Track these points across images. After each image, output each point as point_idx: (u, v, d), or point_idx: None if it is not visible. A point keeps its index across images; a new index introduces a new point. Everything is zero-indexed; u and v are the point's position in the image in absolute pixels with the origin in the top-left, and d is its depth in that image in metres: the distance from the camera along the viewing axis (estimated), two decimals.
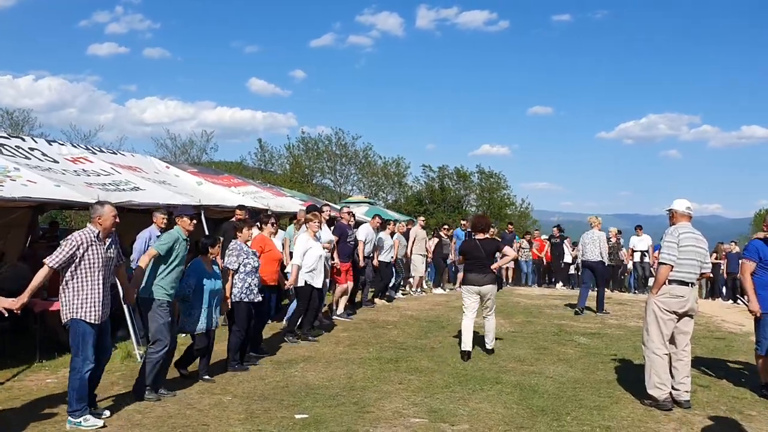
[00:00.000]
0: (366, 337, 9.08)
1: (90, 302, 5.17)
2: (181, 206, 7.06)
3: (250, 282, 7.21)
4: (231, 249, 7.23)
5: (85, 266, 5.16)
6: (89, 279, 5.18)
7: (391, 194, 38.87)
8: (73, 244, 5.11)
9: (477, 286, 7.86)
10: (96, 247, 5.21)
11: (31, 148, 9.78)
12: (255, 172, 35.42)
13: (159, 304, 5.98)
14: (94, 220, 5.28)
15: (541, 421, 5.34)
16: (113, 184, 9.49)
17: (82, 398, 5.15)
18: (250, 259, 7.25)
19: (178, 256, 6.16)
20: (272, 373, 6.99)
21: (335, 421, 5.31)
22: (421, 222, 15.04)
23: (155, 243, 6.29)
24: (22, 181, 7.79)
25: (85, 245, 5.14)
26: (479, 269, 7.89)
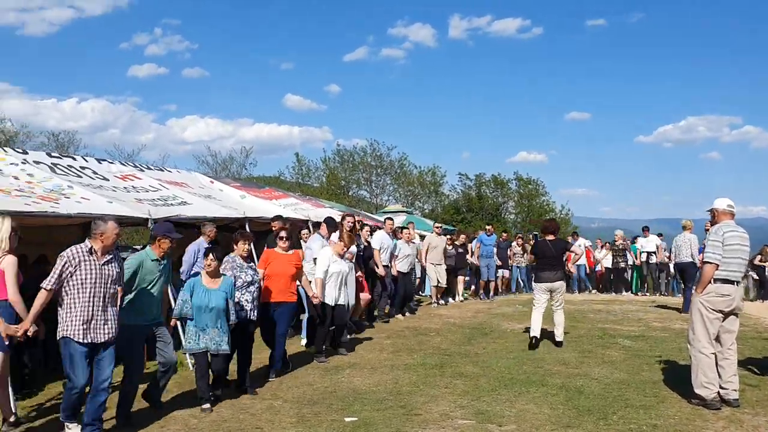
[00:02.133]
0: (409, 344, 9.18)
1: (79, 320, 4.94)
2: (159, 224, 6.49)
3: (240, 297, 6.66)
4: (224, 262, 6.70)
5: (75, 283, 4.96)
6: (79, 296, 4.96)
7: (427, 203, 38.94)
8: (62, 261, 4.94)
9: (548, 283, 8.79)
10: (88, 263, 5.00)
11: (82, 167, 10.17)
12: (293, 185, 35.85)
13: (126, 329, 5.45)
14: (96, 236, 5.08)
15: (587, 421, 5.38)
16: (161, 199, 9.81)
17: (69, 417, 5.11)
18: (242, 273, 6.78)
19: (150, 280, 5.69)
20: (320, 379, 7.14)
21: (384, 423, 5.43)
22: (437, 229, 14.33)
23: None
24: (76, 198, 8.14)
25: (75, 261, 4.95)
26: (550, 267, 8.82)
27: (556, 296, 8.87)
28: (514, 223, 37.60)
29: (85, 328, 4.96)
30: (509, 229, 31.38)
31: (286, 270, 7.44)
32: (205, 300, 6.04)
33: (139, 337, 5.69)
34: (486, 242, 15.26)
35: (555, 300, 8.89)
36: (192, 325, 6.09)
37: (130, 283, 5.59)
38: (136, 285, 5.63)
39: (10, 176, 8.27)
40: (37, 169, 8.92)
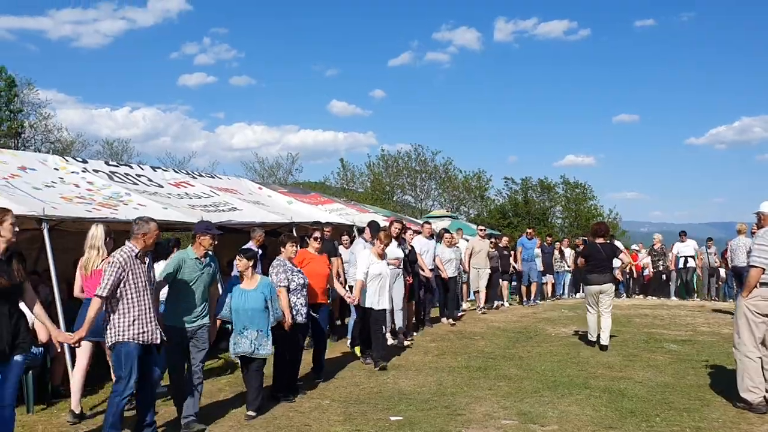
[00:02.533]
0: (454, 348, 9.30)
1: (138, 323, 5.03)
2: (200, 222, 6.41)
3: (295, 300, 6.70)
4: (275, 266, 6.76)
5: (130, 287, 5.03)
6: (135, 299, 5.04)
7: (473, 208, 38.87)
8: (117, 267, 4.96)
9: (598, 285, 8.96)
10: (138, 266, 5.08)
11: (138, 175, 10.63)
12: (338, 190, 36.23)
13: (168, 329, 5.48)
14: (138, 236, 5.10)
15: (629, 422, 5.44)
16: (213, 205, 10.17)
17: (115, 424, 4.99)
18: (295, 276, 6.77)
19: (190, 277, 5.64)
20: (366, 380, 7.33)
21: (428, 422, 5.58)
22: (481, 232, 14.13)
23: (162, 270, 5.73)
24: (134, 204, 8.53)
25: (128, 265, 5.01)
26: (600, 270, 9.00)
27: (604, 298, 8.96)
28: (561, 227, 37.25)
29: (147, 329, 5.06)
30: (555, 234, 31.15)
31: (322, 270, 7.49)
32: (241, 301, 6.01)
33: (181, 336, 5.58)
34: (527, 246, 15.20)
35: (603, 303, 8.95)
36: (234, 328, 6.08)
37: (172, 282, 5.60)
38: (177, 284, 5.61)
39: (71, 184, 8.72)
40: (96, 177, 9.38)
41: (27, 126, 33.13)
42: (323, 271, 7.48)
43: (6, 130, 32.06)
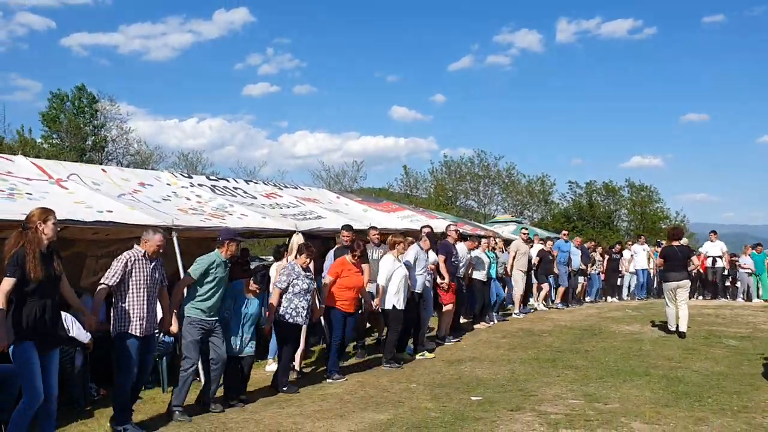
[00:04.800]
0: (523, 343, 10.11)
1: (136, 316, 5.57)
2: (224, 230, 7.18)
3: (297, 303, 7.18)
4: (283, 269, 7.39)
5: (132, 282, 5.60)
6: (135, 295, 5.60)
7: (536, 212, 39.26)
8: (123, 261, 5.59)
9: (676, 282, 10.24)
10: (142, 264, 5.68)
11: (234, 188, 11.85)
12: (401, 197, 37.10)
13: (189, 321, 6.22)
14: (143, 242, 5.77)
15: (683, 402, 6.20)
16: (301, 214, 11.26)
17: (124, 409, 5.62)
18: (299, 281, 7.22)
19: (216, 279, 6.31)
20: (445, 369, 8.24)
21: (506, 401, 6.46)
22: (523, 235, 14.38)
23: (191, 268, 6.38)
24: (237, 215, 9.68)
25: (132, 260, 5.62)
26: (677, 269, 10.33)
27: (681, 293, 10.21)
28: (627, 230, 37.25)
29: (143, 323, 5.62)
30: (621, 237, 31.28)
31: (358, 282, 7.97)
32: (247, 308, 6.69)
33: (205, 330, 6.27)
34: (563, 248, 15.39)
35: (680, 297, 10.19)
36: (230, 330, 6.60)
37: (201, 280, 6.25)
38: (206, 282, 6.27)
39: (183, 197, 9.95)
40: (202, 190, 10.61)
41: (109, 140, 35.39)
42: (359, 281, 7.99)
43: (91, 145, 34.42)
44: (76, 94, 33.80)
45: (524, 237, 14.24)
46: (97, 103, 34.30)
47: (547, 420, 5.75)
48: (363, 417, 6.04)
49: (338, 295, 7.85)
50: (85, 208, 7.49)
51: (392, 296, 8.47)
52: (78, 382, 6.56)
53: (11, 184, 7.54)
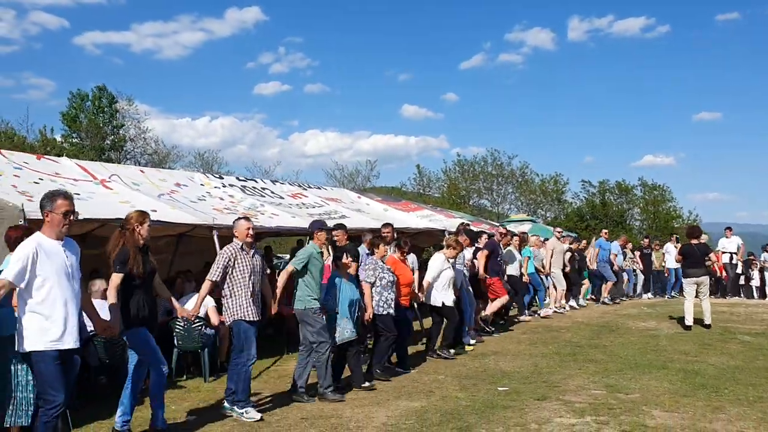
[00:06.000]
0: (543, 338, 10.47)
1: (247, 303, 6.03)
2: (314, 221, 7.77)
3: (387, 296, 7.64)
4: (366, 264, 7.73)
5: (237, 273, 6.06)
6: (242, 283, 6.05)
7: (550, 211, 39.46)
8: (225, 256, 6.05)
9: (695, 278, 11.03)
10: (242, 256, 6.11)
11: (263, 188, 12.28)
12: (414, 196, 37.36)
13: (312, 311, 6.71)
14: (236, 234, 6.26)
15: (701, 393, 6.57)
16: (326, 213, 11.65)
17: (245, 389, 6.06)
18: (385, 274, 7.67)
19: (316, 268, 6.81)
20: (470, 362, 8.61)
21: (531, 392, 6.83)
22: (557, 234, 14.95)
23: (293, 260, 6.94)
24: (268, 214, 10.09)
25: (233, 254, 6.07)
26: (696, 265, 11.12)
27: (702, 288, 11.06)
28: (640, 229, 37.41)
29: (254, 309, 6.06)
30: (633, 236, 31.50)
31: (409, 277, 8.38)
32: (351, 294, 7.12)
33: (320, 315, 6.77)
34: (604, 246, 15.82)
35: (702, 291, 11.07)
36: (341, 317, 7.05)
37: (303, 271, 6.71)
38: (310, 273, 6.73)
39: (216, 197, 10.37)
40: (233, 191, 11.04)
41: (128, 139, 35.94)
42: (409, 277, 8.39)
43: (110, 144, 34.99)
44: (96, 94, 34.38)
45: (558, 236, 14.68)
46: (115, 102, 34.87)
47: (572, 408, 6.12)
48: (398, 405, 6.43)
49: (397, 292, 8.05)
50: (130, 207, 7.88)
51: (440, 293, 8.78)
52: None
53: (60, 185, 7.95)
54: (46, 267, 4.26)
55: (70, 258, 4.43)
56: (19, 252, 4.27)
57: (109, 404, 5.89)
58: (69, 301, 4.35)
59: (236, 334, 6.12)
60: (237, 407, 6.04)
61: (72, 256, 4.47)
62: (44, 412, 4.33)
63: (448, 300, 8.84)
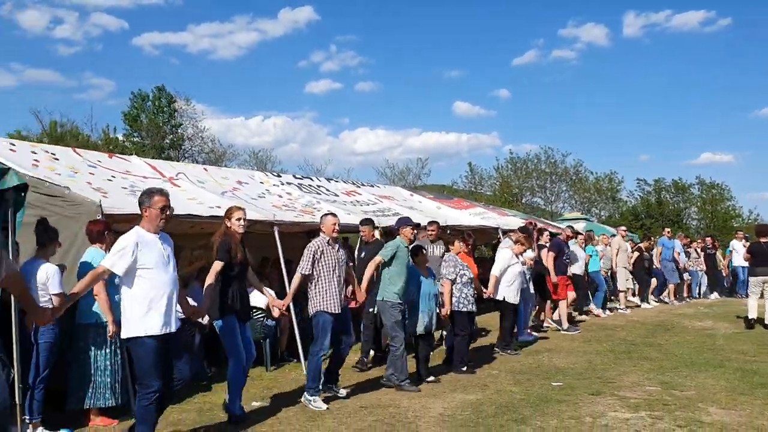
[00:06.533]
0: (597, 336, 10.48)
1: (329, 296, 6.27)
2: (401, 218, 8.09)
3: (466, 292, 7.82)
4: (446, 261, 7.93)
5: (323, 266, 6.31)
6: (327, 276, 6.30)
7: (604, 210, 38.91)
8: (312, 250, 6.33)
9: (763, 276, 11.04)
10: (328, 249, 6.38)
11: (318, 186, 12.58)
12: (466, 193, 37.27)
13: (391, 305, 6.99)
14: (322, 229, 6.53)
15: (759, 392, 6.53)
16: (380, 211, 11.88)
17: (315, 378, 6.26)
18: (465, 271, 7.88)
19: (402, 261, 7.07)
20: (524, 358, 8.71)
21: (585, 387, 6.91)
22: (622, 232, 14.98)
23: (380, 251, 7.20)
24: (324, 211, 10.30)
25: (321, 249, 6.34)
26: (764, 264, 11.09)
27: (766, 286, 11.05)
28: (697, 229, 36.55)
29: (337, 301, 6.30)
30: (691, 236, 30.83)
31: (475, 272, 8.40)
32: (428, 287, 7.38)
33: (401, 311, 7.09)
34: (667, 245, 15.71)
35: (767, 290, 11.02)
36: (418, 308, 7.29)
37: (390, 263, 7.01)
38: (395, 266, 7.01)
39: (275, 195, 10.70)
40: (291, 188, 11.37)
41: (186, 138, 36.95)
42: (475, 273, 8.43)
43: (169, 143, 36.02)
44: (156, 94, 35.44)
45: (623, 235, 14.72)
46: (174, 102, 35.89)
47: (626, 403, 6.20)
48: (454, 397, 6.61)
49: None
50: (197, 204, 8.26)
51: (505, 288, 8.90)
52: (197, 359, 7.34)
53: (131, 182, 8.38)
54: (146, 257, 4.58)
55: (167, 249, 4.76)
56: (120, 242, 4.60)
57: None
58: (166, 289, 4.67)
59: (315, 325, 6.37)
60: (307, 394, 6.30)
61: (168, 247, 4.80)
62: (142, 395, 4.62)
63: (510, 296, 8.95)
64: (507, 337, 9.09)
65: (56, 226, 6.01)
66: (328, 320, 6.29)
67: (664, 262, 15.47)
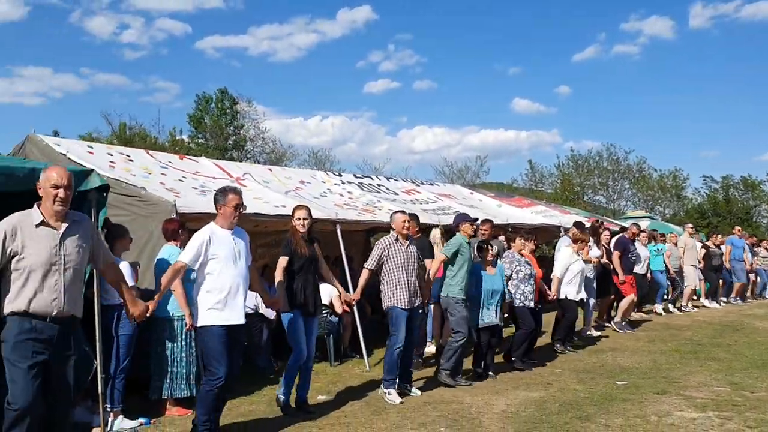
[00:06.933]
0: (662, 336, 10.30)
1: (399, 291, 6.42)
2: (459, 214, 8.18)
3: (524, 289, 7.92)
4: (505, 257, 8.16)
5: (391, 263, 6.48)
6: (395, 273, 6.45)
7: (669, 208, 37.91)
8: (380, 248, 6.54)
9: None
10: (396, 247, 6.54)
11: (378, 185, 12.74)
12: (526, 191, 36.88)
13: (455, 301, 7.04)
14: (393, 228, 6.72)
15: None
16: (440, 209, 11.95)
17: (391, 371, 6.40)
18: (522, 267, 7.99)
19: (464, 258, 7.12)
20: (587, 357, 8.66)
21: (650, 387, 6.84)
22: (690, 230, 14.63)
23: (443, 249, 7.39)
24: (385, 209, 10.47)
25: (388, 246, 6.52)
26: None
27: None
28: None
29: (406, 296, 6.43)
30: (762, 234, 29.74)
31: (539, 273, 8.49)
32: (491, 284, 7.43)
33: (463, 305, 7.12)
34: (737, 244, 15.31)
35: None
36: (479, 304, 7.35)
37: (453, 260, 7.09)
38: (457, 262, 7.09)
39: (336, 194, 10.91)
40: (352, 187, 11.56)
41: (248, 139, 37.76)
42: (539, 273, 8.55)
43: (232, 144, 36.89)
44: (219, 96, 36.37)
45: (690, 232, 14.45)
46: (236, 104, 36.75)
47: (693, 403, 6.11)
48: (516, 394, 6.64)
49: None
50: (263, 203, 8.52)
51: (566, 286, 8.92)
52: (264, 353, 7.59)
53: (201, 183, 8.70)
54: (217, 252, 4.88)
55: (239, 244, 5.03)
56: (194, 238, 4.93)
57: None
58: (235, 282, 4.93)
59: (389, 319, 6.56)
60: (383, 386, 6.46)
61: (241, 242, 5.07)
62: (207, 382, 4.90)
63: (572, 293, 8.94)
64: (565, 333, 9.06)
65: (132, 224, 6.35)
66: (401, 314, 6.42)
67: (733, 262, 15.14)
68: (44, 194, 3.91)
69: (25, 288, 3.80)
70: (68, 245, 3.95)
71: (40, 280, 3.82)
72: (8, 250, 3.78)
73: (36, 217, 3.89)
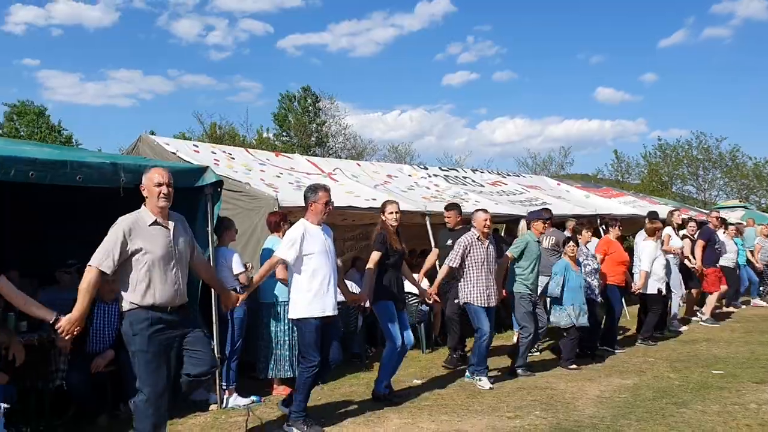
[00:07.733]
0: (760, 328, 10.04)
1: (477, 290, 6.58)
2: (532, 211, 8.24)
3: (590, 282, 7.85)
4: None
5: (471, 261, 6.60)
6: (474, 270, 6.59)
7: (765, 197, 36.16)
8: (463, 244, 6.63)
9: None
10: (477, 245, 6.66)
11: (464, 177, 12.90)
12: (612, 182, 36.01)
13: (521, 297, 7.12)
14: (474, 226, 6.78)
15: None
16: (527, 201, 12.00)
17: (481, 361, 6.65)
18: (589, 261, 7.93)
19: (532, 255, 7.14)
20: (680, 347, 8.58)
21: (749, 375, 6.76)
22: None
23: (510, 247, 7.36)
24: (472, 201, 10.64)
25: (470, 244, 6.64)
26: None
27: None
28: None
29: (483, 294, 6.59)
30: None
31: (623, 256, 8.52)
32: (575, 282, 7.47)
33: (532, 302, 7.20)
34: None
35: None
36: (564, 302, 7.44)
37: (520, 258, 7.14)
38: (525, 260, 7.14)
39: (423, 187, 11.15)
40: (438, 180, 11.78)
41: (330, 135, 38.55)
42: (623, 256, 8.57)
43: (315, 141, 37.75)
44: (302, 94, 37.31)
45: None
46: (318, 101, 37.59)
47: None
48: (609, 381, 6.71)
49: (612, 271, 8.38)
50: (354, 197, 8.86)
51: (653, 282, 8.78)
52: (359, 341, 7.93)
53: (296, 178, 9.13)
54: (311, 247, 5.16)
55: (328, 240, 5.32)
56: (290, 234, 5.23)
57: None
58: (328, 275, 5.22)
59: (469, 314, 6.76)
60: (475, 374, 6.70)
61: (329, 238, 5.35)
62: (303, 368, 5.22)
63: (655, 288, 8.83)
64: (649, 329, 8.87)
65: (238, 218, 6.80)
66: (479, 310, 6.60)
67: None
68: (149, 193, 4.21)
69: (149, 283, 4.10)
70: (180, 242, 4.30)
71: (162, 275, 4.14)
72: (128, 249, 4.06)
73: (148, 218, 4.19)
